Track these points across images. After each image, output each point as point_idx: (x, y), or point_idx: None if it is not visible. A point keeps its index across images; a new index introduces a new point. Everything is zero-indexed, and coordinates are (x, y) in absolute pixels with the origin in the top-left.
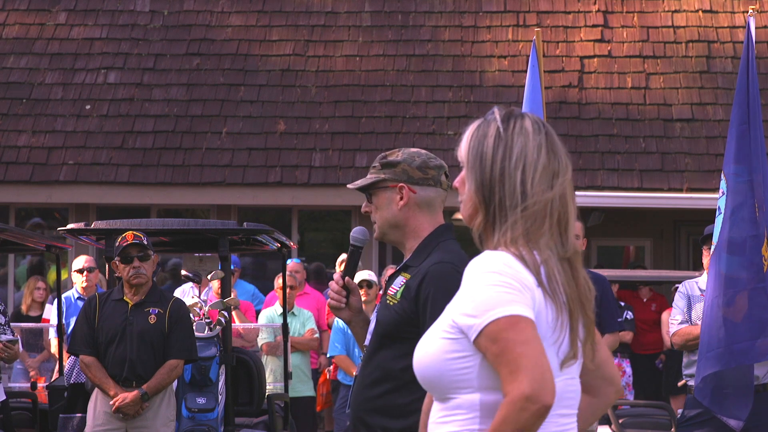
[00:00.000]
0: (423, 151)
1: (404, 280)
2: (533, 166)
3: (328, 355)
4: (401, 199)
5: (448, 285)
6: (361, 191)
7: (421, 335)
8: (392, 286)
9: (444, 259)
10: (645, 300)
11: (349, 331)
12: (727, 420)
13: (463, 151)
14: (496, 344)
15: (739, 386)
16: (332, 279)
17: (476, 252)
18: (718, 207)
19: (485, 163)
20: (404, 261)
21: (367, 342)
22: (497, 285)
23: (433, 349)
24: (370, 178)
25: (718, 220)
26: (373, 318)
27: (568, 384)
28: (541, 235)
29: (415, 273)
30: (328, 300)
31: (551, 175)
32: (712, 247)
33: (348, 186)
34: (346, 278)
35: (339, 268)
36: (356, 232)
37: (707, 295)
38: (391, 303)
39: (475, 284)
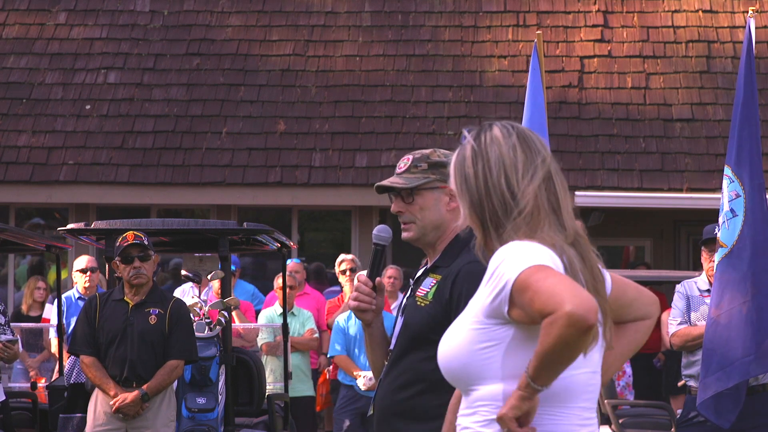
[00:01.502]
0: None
1: (434, 281)
2: (513, 167)
3: (328, 356)
4: (451, 201)
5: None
6: (400, 191)
7: None
8: (421, 287)
9: (476, 259)
10: None
11: (350, 332)
12: (715, 421)
13: (452, 180)
14: (527, 291)
15: (735, 388)
16: (329, 279)
17: None
18: (731, 209)
19: (470, 183)
20: (433, 262)
21: (391, 346)
22: (526, 249)
23: (457, 341)
24: (417, 177)
25: (735, 222)
26: (399, 321)
27: (590, 377)
28: (541, 226)
29: (446, 274)
30: (354, 303)
31: (532, 167)
32: (724, 250)
33: (389, 183)
34: (378, 279)
35: (338, 268)
36: (380, 230)
37: (723, 301)
38: (422, 304)
39: (501, 262)
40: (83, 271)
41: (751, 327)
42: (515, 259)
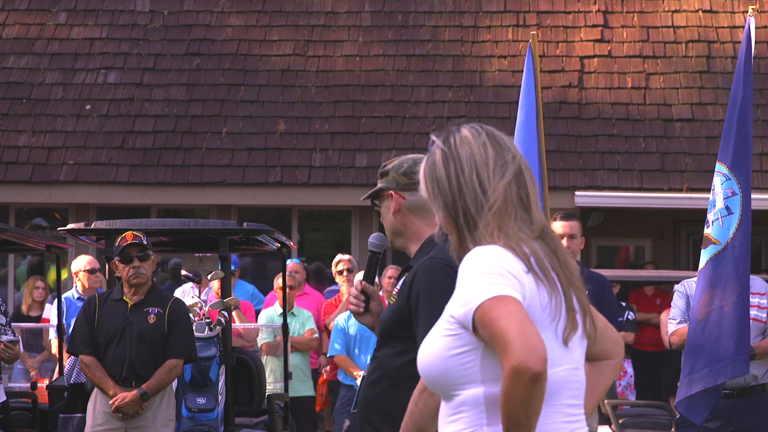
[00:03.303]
0: (418, 156)
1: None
2: (484, 164)
3: (327, 355)
4: (393, 205)
5: (437, 280)
6: (371, 203)
7: (414, 332)
8: (397, 286)
9: (434, 256)
10: (650, 295)
11: (350, 332)
12: (688, 417)
13: (422, 187)
14: (486, 328)
15: (714, 387)
16: (329, 279)
17: None
18: (727, 206)
19: (443, 186)
20: (408, 262)
21: None
22: (484, 273)
23: (434, 348)
24: (374, 189)
25: (731, 220)
26: None
27: (572, 374)
28: (509, 219)
29: (412, 271)
30: (350, 306)
31: (502, 164)
32: (717, 247)
33: (361, 199)
34: (364, 283)
35: (335, 269)
36: (374, 237)
37: (714, 297)
38: (391, 302)
39: (466, 277)
40: (91, 271)
41: (744, 325)
42: (476, 285)
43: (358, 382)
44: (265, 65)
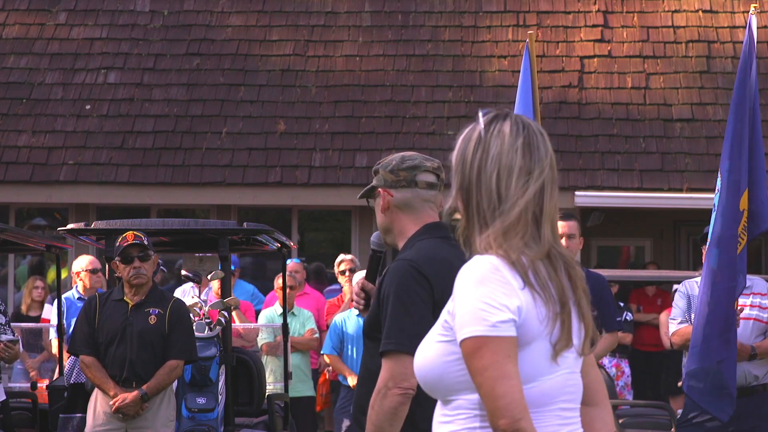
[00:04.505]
0: (407, 154)
1: None
2: (507, 169)
3: (321, 353)
4: (382, 203)
5: (400, 281)
6: (366, 202)
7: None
8: None
9: (403, 257)
10: (650, 295)
11: (348, 331)
12: (717, 415)
13: (454, 152)
14: (468, 365)
15: (722, 384)
16: (329, 279)
17: None
18: (714, 204)
19: (465, 166)
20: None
21: None
22: (477, 299)
23: (431, 353)
24: (367, 187)
25: (713, 218)
26: None
27: (567, 378)
28: (516, 235)
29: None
30: (351, 304)
31: (526, 179)
32: (708, 245)
33: (357, 197)
34: (365, 281)
35: (337, 269)
36: (375, 236)
37: (703, 289)
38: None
39: (461, 292)
40: (93, 271)
41: (702, 319)
42: (467, 309)
43: (350, 382)
44: (265, 65)
